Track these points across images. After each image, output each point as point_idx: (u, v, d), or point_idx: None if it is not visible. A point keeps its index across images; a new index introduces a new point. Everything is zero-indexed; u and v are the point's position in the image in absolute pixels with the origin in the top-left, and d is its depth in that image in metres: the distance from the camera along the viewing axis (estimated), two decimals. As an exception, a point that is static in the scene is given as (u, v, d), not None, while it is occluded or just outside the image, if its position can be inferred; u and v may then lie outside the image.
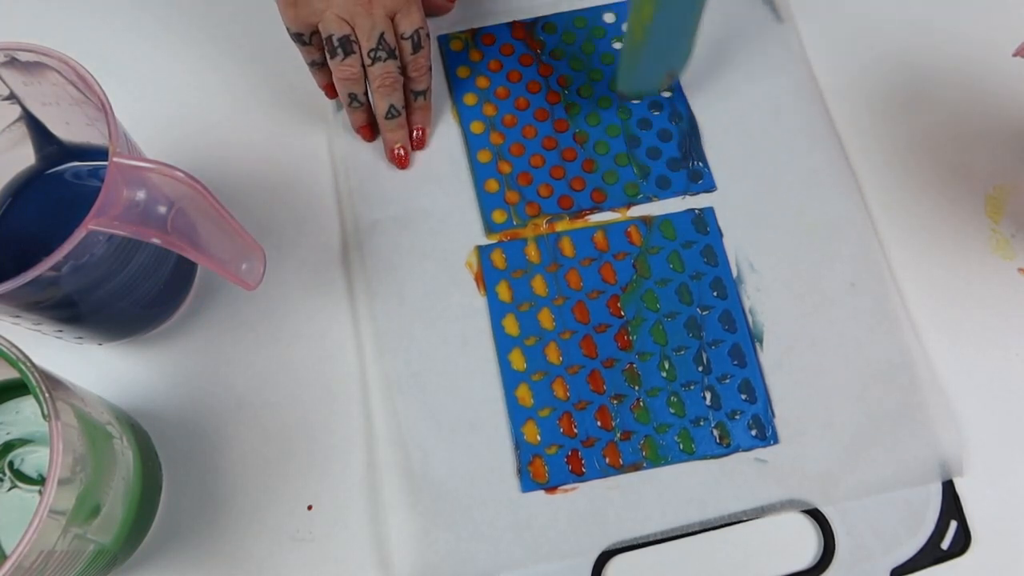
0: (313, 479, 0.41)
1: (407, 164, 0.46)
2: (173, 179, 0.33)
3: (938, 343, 0.42)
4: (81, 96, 0.37)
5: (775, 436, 0.40)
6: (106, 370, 0.43)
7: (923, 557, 0.38)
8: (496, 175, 0.46)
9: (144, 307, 0.41)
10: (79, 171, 0.43)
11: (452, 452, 0.40)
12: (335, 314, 0.44)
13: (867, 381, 0.41)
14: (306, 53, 0.44)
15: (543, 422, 0.41)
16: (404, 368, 0.42)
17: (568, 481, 0.40)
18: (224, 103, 0.49)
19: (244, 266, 0.35)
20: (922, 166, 0.46)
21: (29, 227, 0.42)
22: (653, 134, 0.47)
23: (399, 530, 0.39)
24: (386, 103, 0.44)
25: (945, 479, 0.39)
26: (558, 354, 0.42)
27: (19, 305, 0.35)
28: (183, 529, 0.40)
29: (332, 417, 0.42)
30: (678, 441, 0.40)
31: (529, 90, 0.48)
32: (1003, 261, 0.44)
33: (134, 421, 0.41)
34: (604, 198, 0.45)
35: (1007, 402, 0.41)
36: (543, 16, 0.50)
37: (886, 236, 0.44)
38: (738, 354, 0.42)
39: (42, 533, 0.29)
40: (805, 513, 0.39)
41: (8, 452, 0.38)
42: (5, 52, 0.35)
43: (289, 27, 0.42)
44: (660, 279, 0.43)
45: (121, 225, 0.32)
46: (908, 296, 0.43)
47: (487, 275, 0.44)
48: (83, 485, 0.32)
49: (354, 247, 0.45)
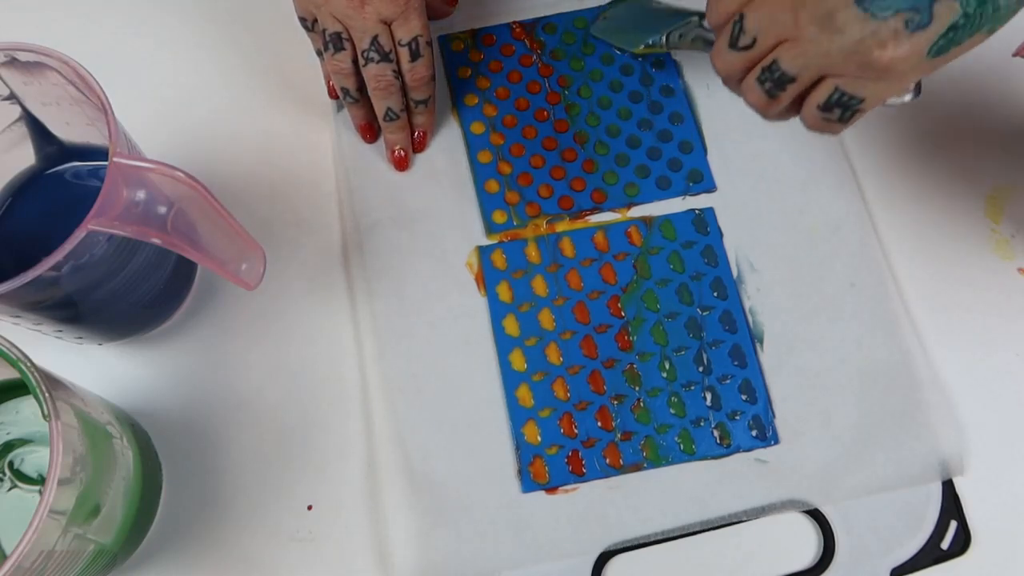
0: (313, 479, 0.41)
1: (407, 166, 0.46)
2: (173, 179, 0.33)
3: (938, 343, 0.42)
4: (81, 96, 0.37)
5: (775, 436, 0.40)
6: (106, 370, 0.43)
7: (923, 557, 0.38)
8: (496, 176, 0.46)
9: (144, 307, 0.41)
10: (79, 171, 0.43)
11: (452, 452, 0.40)
12: (335, 314, 0.44)
13: (867, 381, 0.41)
14: (313, 40, 0.44)
15: (543, 422, 0.41)
16: (404, 368, 0.42)
17: (568, 481, 0.40)
18: (224, 103, 0.49)
19: (244, 266, 0.35)
20: (922, 166, 0.46)
21: (29, 227, 0.42)
22: (653, 134, 0.47)
23: (399, 530, 0.39)
24: (383, 105, 0.44)
25: (945, 479, 0.39)
26: (558, 354, 0.42)
27: (19, 305, 0.35)
28: (183, 529, 0.40)
29: (332, 417, 0.42)
30: (678, 441, 0.40)
31: (529, 91, 0.48)
32: (1003, 261, 0.44)
33: (134, 421, 0.41)
34: (604, 198, 0.45)
35: (1007, 402, 0.41)
36: (543, 17, 0.50)
37: (886, 236, 0.44)
38: (738, 354, 0.42)
39: (42, 533, 0.29)
40: (805, 513, 0.39)
41: (8, 452, 0.38)
42: (5, 52, 0.35)
43: (296, 11, 0.43)
44: (660, 279, 0.43)
45: (121, 225, 0.32)
46: (908, 296, 0.43)
47: (487, 275, 0.44)
48: (83, 485, 0.32)
49: (354, 247, 0.45)
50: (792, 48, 0.29)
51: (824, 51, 0.28)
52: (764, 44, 0.30)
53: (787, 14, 0.28)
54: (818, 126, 0.31)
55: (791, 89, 0.30)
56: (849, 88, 0.29)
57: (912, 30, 0.26)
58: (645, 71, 0.48)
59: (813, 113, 0.30)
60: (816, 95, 0.30)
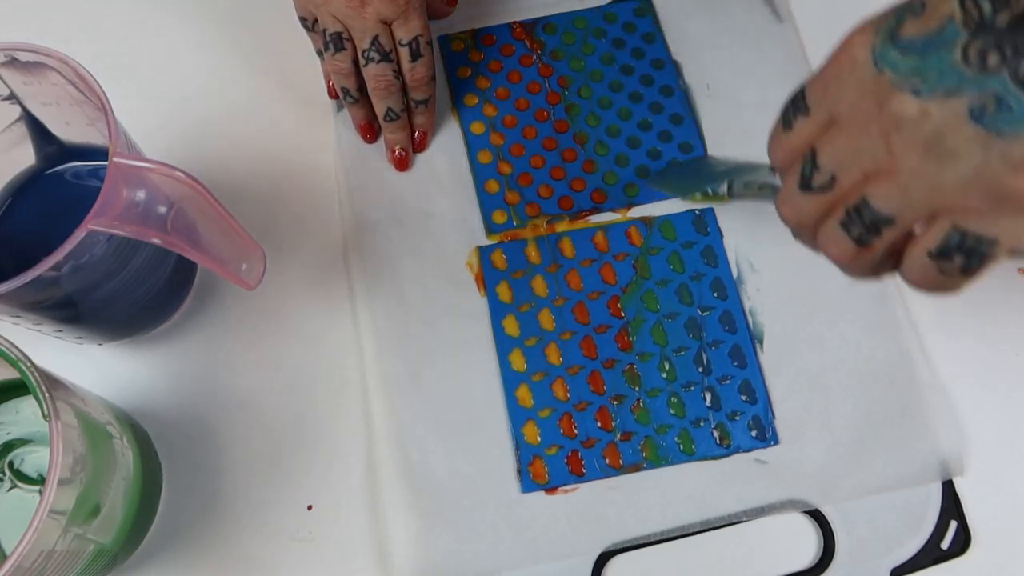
0: (313, 479, 0.41)
1: (408, 166, 0.46)
2: (173, 179, 0.33)
3: (938, 343, 0.42)
4: (81, 96, 0.37)
5: (775, 437, 0.40)
6: (106, 370, 0.43)
7: (923, 557, 0.38)
8: (496, 176, 0.46)
9: (144, 307, 0.41)
10: (79, 171, 0.43)
11: (452, 452, 0.40)
12: (335, 314, 0.44)
13: (867, 381, 0.41)
14: (313, 40, 0.44)
15: (543, 423, 0.41)
16: (404, 368, 0.42)
17: (568, 482, 0.40)
18: (225, 103, 0.49)
19: (244, 266, 0.35)
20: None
21: (29, 227, 0.42)
22: (654, 135, 0.47)
23: (399, 530, 0.39)
24: (383, 105, 0.44)
25: (945, 479, 0.39)
26: (558, 355, 0.42)
27: (19, 305, 0.35)
28: (183, 529, 0.40)
29: (332, 417, 0.42)
30: (678, 442, 0.40)
31: (529, 91, 0.48)
32: (1003, 261, 0.44)
33: (134, 421, 0.41)
34: (604, 199, 0.45)
35: (1007, 402, 0.41)
36: (543, 17, 0.50)
37: (886, 236, 0.44)
38: (738, 355, 0.42)
39: (42, 533, 0.29)
40: (805, 513, 0.39)
41: (8, 452, 0.38)
42: (5, 52, 0.35)
43: (296, 11, 0.43)
44: (660, 280, 0.43)
45: (121, 225, 0.32)
46: (908, 296, 0.43)
47: (487, 275, 0.44)
48: (83, 485, 0.32)
49: (354, 247, 0.44)
50: (886, 183, 0.23)
51: (932, 184, 0.22)
52: (846, 182, 0.24)
53: (876, 142, 0.23)
54: (931, 281, 0.24)
55: (888, 234, 0.24)
56: (973, 227, 0.22)
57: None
58: (645, 72, 0.48)
59: (923, 263, 0.23)
60: (926, 240, 0.23)
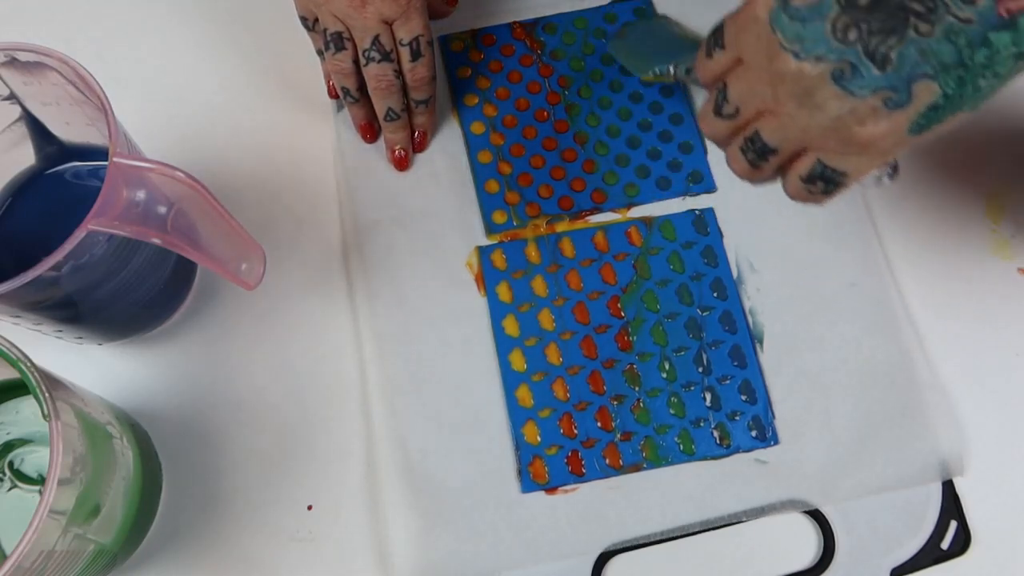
0: (313, 479, 0.41)
1: (407, 166, 0.46)
2: (173, 179, 0.33)
3: (938, 343, 0.42)
4: (81, 96, 0.37)
5: (775, 437, 0.40)
6: (106, 370, 0.43)
7: (923, 557, 0.38)
8: (496, 176, 0.46)
9: (144, 307, 0.41)
10: (79, 171, 0.43)
11: (452, 452, 0.40)
12: (335, 314, 0.44)
13: (867, 381, 0.41)
14: (313, 40, 0.44)
15: (543, 423, 0.41)
16: (404, 368, 0.42)
17: (568, 482, 0.40)
18: (224, 103, 0.49)
19: (244, 266, 0.35)
20: (922, 166, 0.46)
21: (29, 227, 0.42)
22: (653, 135, 0.47)
23: (399, 530, 0.39)
24: (383, 105, 0.44)
25: (945, 479, 0.39)
26: (558, 355, 0.42)
27: (19, 305, 0.35)
28: (183, 529, 0.40)
29: (332, 417, 0.42)
30: (678, 442, 0.40)
31: (529, 91, 0.48)
32: (1003, 261, 0.44)
33: (134, 421, 0.41)
34: (604, 199, 0.45)
35: (1007, 402, 0.41)
36: (543, 17, 0.50)
37: (886, 236, 0.44)
38: (738, 355, 0.42)
39: (42, 533, 0.29)
40: (805, 513, 0.39)
41: (8, 452, 0.38)
42: (5, 52, 0.35)
43: (297, 11, 0.43)
44: (660, 280, 0.43)
45: (121, 225, 0.32)
46: (908, 296, 0.43)
47: (487, 275, 0.44)
48: (83, 485, 0.32)
49: (354, 247, 0.44)
50: (772, 121, 0.29)
51: (803, 126, 0.28)
52: (746, 114, 0.30)
53: (766, 88, 0.28)
54: (801, 196, 0.31)
55: (773, 160, 0.30)
56: (831, 162, 0.29)
57: (891, 108, 0.26)
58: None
59: (796, 184, 0.30)
60: (798, 167, 0.30)
